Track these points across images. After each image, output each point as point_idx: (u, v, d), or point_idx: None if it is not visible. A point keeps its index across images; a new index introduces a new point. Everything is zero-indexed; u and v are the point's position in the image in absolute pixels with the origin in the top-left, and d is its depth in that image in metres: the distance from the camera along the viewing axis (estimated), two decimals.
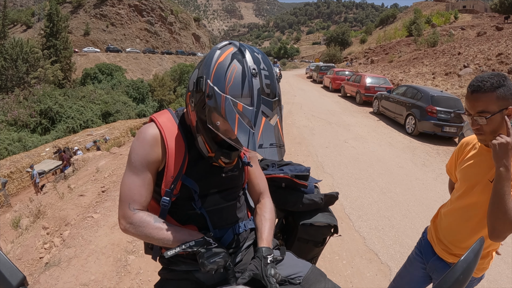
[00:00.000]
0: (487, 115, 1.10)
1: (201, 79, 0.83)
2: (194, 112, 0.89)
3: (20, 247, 3.62)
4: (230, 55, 0.81)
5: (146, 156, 0.91)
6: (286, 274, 0.99)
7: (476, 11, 55.80)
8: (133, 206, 0.90)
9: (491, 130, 1.13)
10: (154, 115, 1.00)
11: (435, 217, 1.51)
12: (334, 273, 2.69)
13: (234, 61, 0.80)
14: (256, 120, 0.77)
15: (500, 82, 1.09)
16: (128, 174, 0.93)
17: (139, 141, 0.92)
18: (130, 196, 0.91)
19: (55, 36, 35.32)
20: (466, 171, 1.30)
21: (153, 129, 0.94)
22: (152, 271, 2.67)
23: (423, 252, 1.51)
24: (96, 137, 19.00)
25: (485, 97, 1.10)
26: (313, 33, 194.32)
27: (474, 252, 0.55)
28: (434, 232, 1.46)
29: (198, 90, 0.84)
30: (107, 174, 5.58)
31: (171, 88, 37.11)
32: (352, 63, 32.15)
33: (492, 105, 1.10)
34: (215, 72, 0.80)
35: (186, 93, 0.93)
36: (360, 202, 4.06)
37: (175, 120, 0.99)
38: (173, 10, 72.90)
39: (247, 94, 0.77)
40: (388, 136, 7.75)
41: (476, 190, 1.24)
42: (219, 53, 0.83)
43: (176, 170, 0.93)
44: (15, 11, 63.32)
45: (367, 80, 12.63)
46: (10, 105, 22.31)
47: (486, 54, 15.29)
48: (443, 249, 1.38)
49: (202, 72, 0.84)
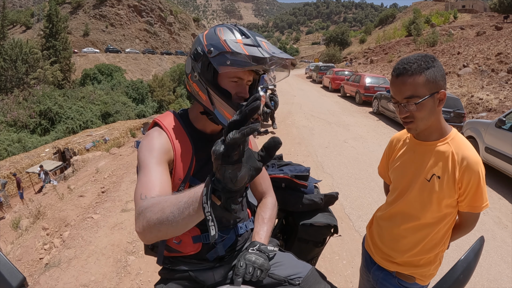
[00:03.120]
0: (416, 100, 0.98)
1: (197, 49, 0.89)
2: (201, 82, 0.90)
3: (20, 248, 3.62)
4: (213, 27, 0.91)
5: (158, 151, 0.87)
6: (286, 274, 0.99)
7: (475, 10, 55.87)
8: (144, 194, 0.77)
9: (422, 117, 1.01)
10: (157, 118, 0.97)
11: (370, 223, 1.38)
12: (334, 273, 2.69)
13: (217, 26, 0.90)
14: (257, 40, 0.84)
15: (428, 63, 0.97)
16: (139, 176, 0.83)
17: (147, 142, 0.89)
18: (142, 187, 0.79)
19: (54, 36, 35.37)
20: (399, 170, 1.18)
21: (159, 132, 0.92)
22: (152, 271, 2.67)
23: (365, 263, 1.38)
24: (95, 138, 18.99)
25: (412, 80, 0.98)
26: (312, 33, 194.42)
27: (475, 252, 0.55)
28: (371, 239, 1.34)
29: (198, 57, 0.88)
30: (107, 174, 5.58)
31: (170, 89, 37.11)
32: (351, 63, 32.16)
33: (421, 88, 0.97)
34: (205, 38, 0.88)
35: (186, 77, 0.96)
36: (360, 202, 4.06)
37: (180, 121, 0.97)
38: (173, 10, 72.98)
39: (239, 34, 0.86)
40: (388, 136, 7.74)
41: (413, 189, 1.12)
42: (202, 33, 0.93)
43: (184, 172, 0.91)
44: (15, 12, 63.28)
45: (367, 80, 12.64)
46: (9, 106, 22.32)
47: (485, 54, 15.30)
48: (383, 257, 1.25)
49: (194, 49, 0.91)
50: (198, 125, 0.99)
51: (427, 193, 1.09)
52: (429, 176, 1.08)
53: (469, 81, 12.80)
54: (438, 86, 0.99)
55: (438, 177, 1.06)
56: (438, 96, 1.00)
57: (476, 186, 1.03)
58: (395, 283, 1.21)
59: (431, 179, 1.07)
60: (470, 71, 13.77)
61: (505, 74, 12.17)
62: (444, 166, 1.05)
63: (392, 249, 1.22)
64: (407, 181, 1.15)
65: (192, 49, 0.92)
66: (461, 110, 7.71)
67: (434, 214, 1.10)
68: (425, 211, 1.10)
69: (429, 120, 1.03)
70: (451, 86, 12.83)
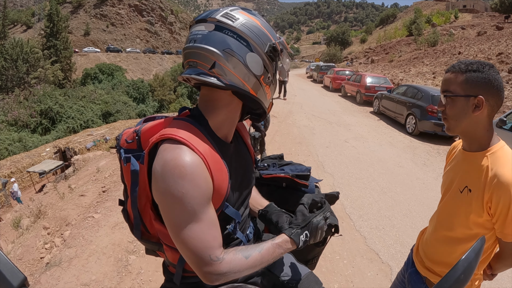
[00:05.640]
0: (448, 94, 1.00)
1: (273, 47, 0.78)
2: (273, 84, 0.85)
3: (20, 247, 3.63)
4: (252, 14, 0.81)
5: (204, 193, 0.69)
6: (282, 274, 0.99)
7: (476, 10, 55.79)
8: (215, 255, 0.69)
9: (453, 115, 1.01)
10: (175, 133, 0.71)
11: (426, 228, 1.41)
12: (335, 272, 2.69)
13: (255, 16, 0.80)
14: None
15: (478, 68, 0.96)
16: (189, 226, 0.68)
17: (188, 179, 0.66)
18: (205, 246, 0.69)
19: (55, 36, 35.43)
20: (445, 176, 1.20)
21: (192, 157, 0.68)
22: (153, 271, 2.68)
23: (406, 262, 1.41)
24: (96, 137, 19.01)
25: (453, 77, 1.00)
26: (313, 33, 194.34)
27: (475, 252, 0.55)
28: (418, 239, 1.37)
29: (275, 55, 0.80)
30: (108, 174, 5.59)
31: (171, 88, 37.12)
32: (352, 63, 32.16)
33: (457, 86, 0.98)
34: (269, 32, 0.79)
35: (257, 80, 0.78)
36: (360, 201, 4.06)
37: (206, 135, 0.76)
38: (173, 10, 73.02)
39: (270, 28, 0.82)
40: (389, 135, 7.75)
41: (447, 197, 1.12)
42: (246, 18, 0.77)
43: (220, 201, 0.76)
44: (15, 11, 63.42)
45: (368, 79, 12.62)
46: (10, 105, 22.36)
47: (486, 54, 15.28)
48: (419, 260, 1.27)
49: (267, 46, 0.78)
50: (221, 133, 0.81)
51: (457, 203, 1.06)
52: (462, 187, 1.04)
53: None
54: (477, 91, 0.96)
55: (469, 190, 1.02)
56: (474, 101, 0.96)
57: (507, 210, 0.93)
58: None
59: (463, 190, 1.04)
60: None
61: (506, 74, 12.15)
62: (477, 180, 1.00)
63: (425, 254, 1.22)
64: (446, 188, 1.14)
65: (260, 45, 0.76)
66: None
67: (463, 229, 1.05)
68: (453, 223, 1.08)
69: (460, 122, 1.01)
70: None
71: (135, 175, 0.76)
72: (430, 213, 1.29)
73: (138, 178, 0.76)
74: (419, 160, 6.01)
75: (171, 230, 0.70)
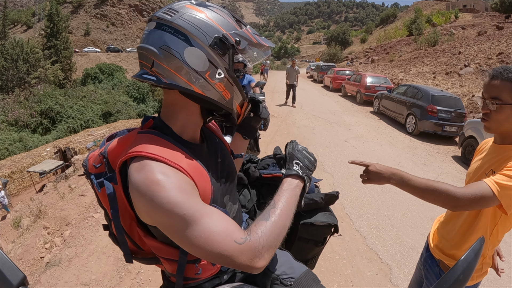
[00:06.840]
0: (498, 102, 1.08)
1: (220, 39, 0.70)
2: (228, 80, 0.75)
3: (21, 246, 3.63)
4: (204, 6, 0.74)
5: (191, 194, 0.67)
6: (279, 272, 0.98)
7: (476, 10, 55.72)
8: (239, 237, 0.64)
9: (498, 119, 1.11)
10: (143, 149, 0.67)
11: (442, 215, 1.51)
12: (334, 272, 2.69)
13: (211, 7, 0.75)
14: None
15: None
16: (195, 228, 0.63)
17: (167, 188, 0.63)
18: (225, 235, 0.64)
19: (55, 36, 35.40)
20: (473, 165, 1.29)
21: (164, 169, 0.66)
22: (153, 270, 2.68)
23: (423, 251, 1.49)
24: (96, 137, 19.02)
25: (502, 85, 1.08)
26: (313, 33, 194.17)
27: (475, 252, 0.55)
28: (433, 226, 1.45)
29: (224, 49, 0.71)
30: None
31: None
32: (352, 63, 32.14)
33: (506, 94, 1.07)
34: (220, 24, 0.72)
35: (202, 76, 0.71)
36: (360, 201, 4.06)
37: (173, 142, 0.73)
38: None
39: (232, 18, 0.77)
40: (389, 135, 7.75)
41: (471, 179, 1.22)
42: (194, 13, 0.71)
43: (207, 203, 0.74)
44: (16, 11, 63.46)
45: (368, 79, 12.63)
46: (10, 105, 22.36)
47: (486, 54, 15.27)
48: (435, 244, 1.36)
49: (200, 35, 0.69)
50: (187, 136, 0.79)
51: None
52: (488, 171, 1.14)
53: (470, 80, 12.78)
54: None
55: (493, 171, 1.11)
56: None
57: None
58: (436, 272, 1.30)
59: (488, 173, 1.13)
60: (471, 71, 13.74)
61: None
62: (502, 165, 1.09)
63: (443, 235, 1.32)
64: (473, 173, 1.24)
65: (202, 38, 0.69)
66: (462, 109, 7.70)
67: None
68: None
69: (503, 125, 1.11)
70: (452, 85, 12.81)
71: (112, 198, 0.73)
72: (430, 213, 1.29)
73: (116, 200, 0.73)
74: (419, 160, 6.01)
75: (184, 244, 0.65)
